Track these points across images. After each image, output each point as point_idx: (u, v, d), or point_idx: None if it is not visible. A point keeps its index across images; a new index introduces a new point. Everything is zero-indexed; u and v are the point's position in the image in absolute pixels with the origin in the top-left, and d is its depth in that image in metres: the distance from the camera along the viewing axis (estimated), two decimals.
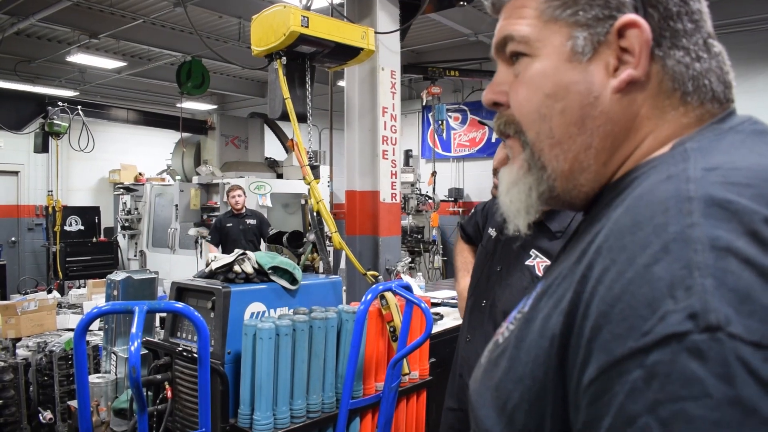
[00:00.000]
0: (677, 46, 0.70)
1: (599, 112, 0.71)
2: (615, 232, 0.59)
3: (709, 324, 0.48)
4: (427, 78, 10.13)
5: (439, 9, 6.16)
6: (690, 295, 0.49)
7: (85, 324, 1.87)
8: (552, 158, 0.74)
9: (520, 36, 0.76)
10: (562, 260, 0.72)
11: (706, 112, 0.71)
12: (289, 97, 3.56)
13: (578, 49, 0.72)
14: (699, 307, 0.48)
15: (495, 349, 0.74)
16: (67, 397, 3.72)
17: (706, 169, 0.59)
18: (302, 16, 3.50)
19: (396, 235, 5.59)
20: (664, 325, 0.49)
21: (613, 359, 0.51)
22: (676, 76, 0.70)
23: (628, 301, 0.52)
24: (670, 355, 0.48)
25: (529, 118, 0.75)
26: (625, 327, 0.51)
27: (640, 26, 0.69)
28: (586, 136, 0.72)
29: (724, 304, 0.48)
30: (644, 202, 0.59)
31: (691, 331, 0.48)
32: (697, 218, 0.53)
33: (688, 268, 0.51)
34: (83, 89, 12.35)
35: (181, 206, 9.20)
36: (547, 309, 0.64)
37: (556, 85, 0.73)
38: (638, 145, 0.72)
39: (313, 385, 2.44)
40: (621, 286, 0.54)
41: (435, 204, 11.01)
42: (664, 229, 0.54)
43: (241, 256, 2.57)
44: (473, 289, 2.50)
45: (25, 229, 12.97)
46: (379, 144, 5.31)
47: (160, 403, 2.35)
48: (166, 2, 8.50)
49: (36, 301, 4.58)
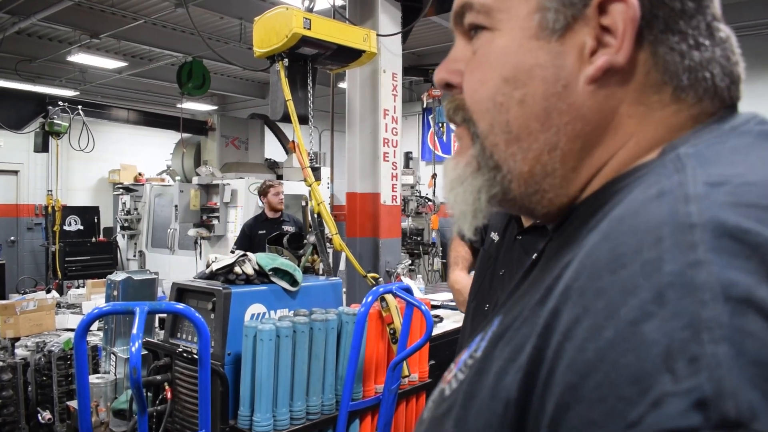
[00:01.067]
0: (672, 30, 0.55)
1: (568, 105, 0.56)
2: (588, 267, 0.44)
3: (726, 418, 0.33)
4: (428, 80, 10.15)
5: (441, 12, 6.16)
6: (697, 370, 0.35)
7: (86, 324, 1.87)
8: (508, 157, 0.59)
9: (479, 4, 0.60)
10: (525, 291, 0.57)
11: (703, 111, 0.57)
12: (291, 98, 3.56)
13: (547, 23, 0.56)
14: (710, 390, 0.34)
15: (441, 403, 0.58)
16: (66, 398, 3.72)
17: (710, 184, 0.44)
18: (304, 18, 3.51)
19: (396, 237, 5.60)
20: (659, 415, 0.35)
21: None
22: (668, 67, 0.55)
23: (606, 373, 0.37)
24: None
25: (482, 106, 0.60)
26: (602, 412, 0.37)
27: (626, 0, 0.53)
28: (551, 134, 0.57)
29: (746, 385, 0.34)
30: (628, 227, 0.44)
31: (700, 429, 0.34)
32: (703, 254, 0.39)
33: (693, 329, 0.36)
34: (84, 89, 12.35)
35: (181, 207, 9.19)
36: (502, 361, 0.48)
37: (517, 68, 0.57)
38: (618, 150, 0.57)
39: (313, 387, 2.44)
40: (596, 350, 0.38)
41: (435, 206, 11.01)
42: (657, 268, 0.39)
43: (241, 257, 2.57)
44: (476, 293, 2.50)
45: (24, 228, 12.95)
46: (380, 146, 5.31)
47: (159, 403, 2.35)
48: (167, 2, 8.50)
49: (35, 300, 4.57)
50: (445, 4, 5.63)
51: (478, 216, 0.64)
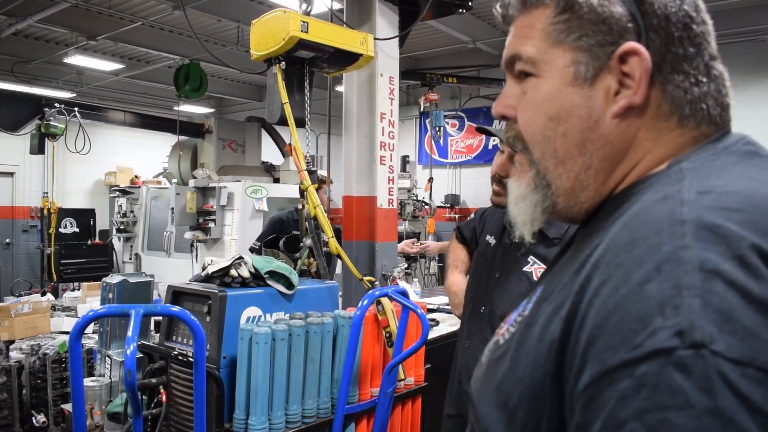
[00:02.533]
0: (677, 71, 0.72)
1: (599, 135, 0.74)
2: (612, 248, 0.62)
3: (694, 341, 0.51)
4: (425, 84, 10.15)
5: (438, 16, 6.17)
6: (678, 313, 0.53)
7: (81, 327, 1.86)
8: (556, 177, 0.78)
9: (527, 56, 0.78)
10: (562, 268, 0.76)
11: (701, 133, 0.73)
12: (288, 101, 3.55)
13: (581, 73, 0.74)
14: (686, 326, 0.52)
15: (496, 350, 0.77)
16: (61, 401, 3.70)
17: (700, 192, 0.62)
18: (302, 22, 3.50)
19: (393, 240, 5.59)
20: (654, 340, 0.53)
21: (606, 368, 0.55)
22: (675, 101, 0.72)
23: (621, 316, 0.56)
24: (657, 368, 0.52)
25: (535, 138, 0.79)
26: (618, 339, 0.55)
27: (641, 54, 0.71)
28: (586, 158, 0.75)
29: (709, 323, 0.52)
30: (641, 220, 0.62)
31: (678, 347, 0.52)
32: (688, 241, 0.57)
33: (678, 288, 0.54)
34: (80, 91, 12.34)
35: (177, 209, 9.16)
36: (547, 315, 0.67)
37: (559, 108, 0.75)
38: (637, 164, 0.74)
39: (308, 390, 2.43)
40: (615, 301, 0.57)
41: (431, 210, 11.02)
42: (657, 249, 0.58)
43: (237, 260, 2.56)
44: (472, 296, 2.50)
45: (19, 230, 12.92)
46: (376, 149, 5.30)
47: (154, 407, 2.34)
48: (165, 5, 8.50)
49: (30, 303, 4.55)
50: (442, 8, 5.65)
51: (534, 224, 0.84)
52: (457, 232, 2.94)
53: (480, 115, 12.08)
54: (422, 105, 10.31)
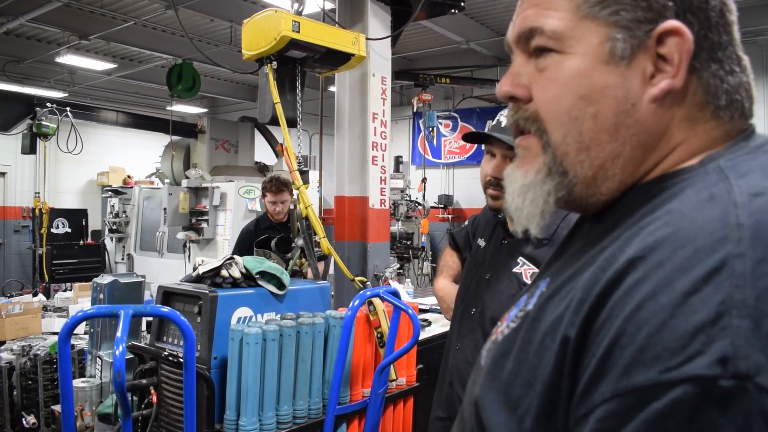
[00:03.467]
0: (713, 59, 0.67)
1: (634, 121, 0.67)
2: (653, 245, 0.56)
3: (738, 371, 0.46)
4: (418, 85, 10.16)
5: (431, 16, 6.18)
6: (724, 336, 0.47)
7: (70, 327, 1.85)
8: (576, 163, 0.70)
9: (551, 30, 0.70)
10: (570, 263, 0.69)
11: (734, 127, 0.69)
12: (279, 101, 3.55)
13: (617, 51, 0.67)
14: (731, 352, 0.47)
15: (496, 350, 0.71)
16: (51, 402, 3.69)
17: (753, 194, 0.56)
18: (293, 21, 3.50)
19: (385, 241, 5.59)
20: (693, 365, 0.47)
21: (633, 386, 0.50)
22: (711, 90, 0.67)
23: (658, 329, 0.50)
24: (692, 398, 0.47)
25: (559, 119, 0.70)
26: (651, 355, 0.49)
27: (683, 34, 0.65)
28: (617, 144, 0.68)
29: (758, 350, 0.46)
30: (688, 220, 0.56)
31: (720, 377, 0.46)
32: (744, 248, 0.51)
33: (727, 305, 0.48)
34: (72, 90, 12.30)
35: (170, 210, 9.13)
36: (559, 311, 0.61)
37: (591, 87, 0.68)
38: (667, 155, 0.69)
39: (299, 391, 2.43)
40: (653, 310, 0.51)
41: (425, 210, 11.04)
42: (708, 254, 0.51)
43: (228, 260, 2.56)
44: (462, 298, 2.50)
45: (11, 230, 12.86)
46: (368, 150, 5.31)
47: (145, 408, 2.33)
48: (157, 4, 8.48)
49: (21, 303, 4.54)
50: (435, 8, 5.65)
51: (545, 216, 0.75)
52: (450, 238, 2.95)
53: (473, 116, 12.10)
54: (415, 105, 10.32)
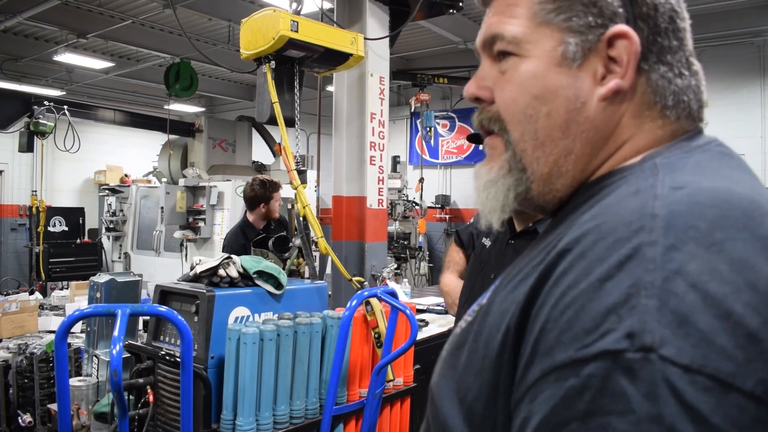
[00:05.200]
0: (662, 61, 0.72)
1: (584, 118, 0.72)
2: (578, 238, 0.60)
3: (644, 344, 0.50)
4: (416, 85, 10.16)
5: (429, 16, 6.18)
6: (632, 314, 0.51)
7: (67, 326, 1.85)
8: (533, 160, 0.75)
9: (511, 36, 0.76)
10: (524, 257, 0.73)
11: (680, 127, 0.73)
12: (278, 101, 3.55)
13: (569, 54, 0.72)
14: (637, 328, 0.50)
15: (454, 342, 0.75)
16: (47, 400, 3.68)
17: (674, 188, 0.61)
18: (292, 21, 3.50)
19: (382, 241, 5.59)
20: (604, 341, 0.51)
21: (554, 364, 0.54)
22: (658, 90, 0.72)
23: (576, 312, 0.54)
24: (604, 371, 0.50)
25: (516, 118, 0.76)
26: (570, 336, 0.53)
27: (630, 37, 0.70)
28: (569, 141, 0.73)
29: (663, 326, 0.50)
30: (610, 213, 0.61)
31: (627, 350, 0.50)
32: (656, 236, 0.55)
33: (636, 287, 0.52)
34: (70, 89, 12.28)
35: (167, 209, 9.11)
36: (506, 303, 0.65)
37: (545, 88, 0.73)
38: (615, 152, 0.73)
39: (296, 391, 2.43)
40: (573, 296, 0.55)
41: (422, 210, 11.03)
42: (623, 243, 0.56)
43: (226, 260, 2.56)
44: (467, 296, 2.50)
45: (7, 229, 12.84)
46: (366, 150, 5.31)
47: (141, 407, 2.32)
48: (155, 3, 8.47)
49: (17, 302, 4.52)
50: (433, 8, 5.65)
51: (506, 210, 0.79)
52: (455, 235, 2.97)
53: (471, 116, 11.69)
54: (413, 105, 10.32)
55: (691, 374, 0.48)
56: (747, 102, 9.08)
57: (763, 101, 9.00)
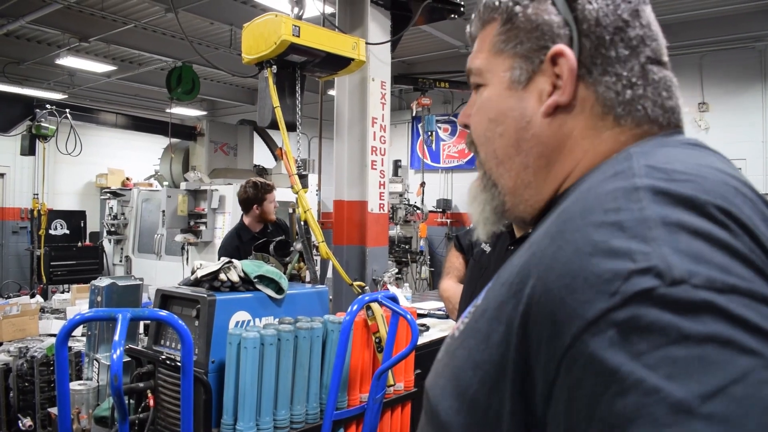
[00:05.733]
0: (608, 72, 0.75)
1: (531, 135, 0.77)
2: (564, 217, 0.62)
3: (674, 279, 0.51)
4: (418, 89, 10.18)
5: (430, 21, 6.18)
6: (650, 258, 0.53)
7: (67, 330, 1.85)
8: (498, 176, 0.82)
9: (476, 68, 0.84)
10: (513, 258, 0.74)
11: (644, 131, 0.75)
12: (279, 105, 3.55)
13: (515, 78, 0.79)
14: (663, 266, 0.52)
15: (452, 343, 0.75)
16: (48, 404, 3.67)
17: (649, 167, 0.63)
18: (293, 26, 3.51)
19: (383, 245, 5.59)
20: (631, 283, 0.52)
21: (586, 322, 0.53)
22: (607, 102, 0.75)
23: (590, 270, 0.54)
24: (643, 309, 0.51)
25: (479, 140, 0.84)
26: (592, 293, 0.53)
27: (566, 54, 0.74)
28: (523, 156, 0.78)
29: (685, 262, 0.52)
30: (593, 193, 0.63)
31: (659, 286, 0.51)
32: (646, 203, 0.58)
33: (645, 241, 0.54)
34: (72, 92, 12.29)
35: (168, 212, 9.12)
36: (502, 297, 0.65)
37: (497, 111, 0.80)
38: (580, 161, 0.76)
39: (297, 396, 2.42)
40: (579, 259, 0.56)
41: (423, 215, 11.03)
42: (616, 213, 0.58)
43: (227, 264, 2.56)
44: (467, 302, 2.50)
45: (9, 232, 12.85)
46: (368, 154, 5.31)
47: (142, 411, 2.32)
48: (157, 7, 8.48)
49: (18, 305, 4.53)
50: (434, 13, 5.66)
51: (487, 224, 0.85)
52: (455, 240, 2.97)
53: None
54: (414, 109, 10.34)
55: (727, 294, 0.50)
56: (748, 107, 9.08)
57: (764, 106, 8.99)
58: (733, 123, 9.09)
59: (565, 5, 0.76)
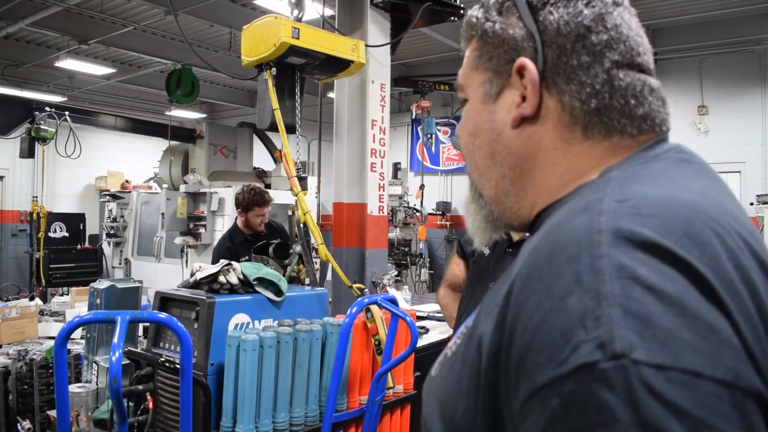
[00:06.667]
0: (572, 81, 0.74)
1: (502, 146, 0.80)
2: (534, 260, 0.63)
3: (615, 352, 0.51)
4: (417, 91, 10.18)
5: (430, 24, 6.18)
6: (599, 324, 0.53)
7: (66, 333, 1.84)
8: (482, 186, 0.85)
9: (459, 84, 0.88)
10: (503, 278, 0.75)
11: (614, 144, 0.74)
12: (278, 107, 3.55)
13: (487, 91, 0.81)
14: (606, 337, 0.52)
15: (445, 363, 0.77)
16: (47, 407, 3.67)
17: (619, 201, 0.63)
18: (293, 28, 3.51)
19: (383, 247, 5.59)
20: (577, 355, 0.53)
21: (536, 387, 0.55)
22: (573, 112, 0.75)
23: (546, 332, 0.56)
24: (583, 385, 0.52)
25: (463, 153, 0.88)
26: (545, 357, 0.55)
27: (527, 67, 0.76)
28: (499, 167, 0.81)
29: (630, 331, 0.52)
30: (560, 231, 0.63)
31: (600, 361, 0.52)
32: (605, 249, 0.57)
33: (597, 299, 0.54)
34: (71, 95, 12.30)
35: (168, 215, 9.11)
36: (485, 327, 0.67)
37: (474, 124, 0.84)
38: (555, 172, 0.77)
39: (296, 398, 2.42)
40: (539, 317, 0.57)
41: (422, 217, 11.03)
42: (576, 260, 0.58)
43: (226, 266, 2.55)
44: (465, 305, 2.50)
45: (8, 234, 12.84)
46: (367, 156, 5.31)
47: (141, 414, 2.32)
48: (157, 10, 8.49)
49: (18, 308, 4.52)
50: (434, 16, 5.66)
51: (479, 232, 0.88)
52: (457, 245, 2.96)
53: None
54: (414, 112, 10.34)
55: (665, 371, 0.50)
56: (748, 110, 9.08)
57: (763, 109, 9.00)
58: (732, 126, 9.10)
59: (529, 18, 0.77)
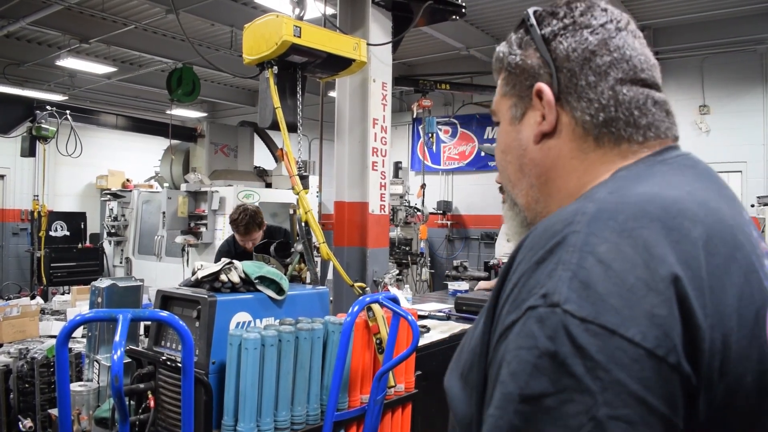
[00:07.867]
0: (582, 98, 0.87)
1: (528, 160, 0.93)
2: (533, 234, 0.77)
3: (552, 302, 0.67)
4: (418, 90, 10.17)
5: (431, 23, 6.18)
6: (550, 281, 0.68)
7: (68, 331, 1.84)
8: (515, 196, 0.98)
9: (492, 110, 1.02)
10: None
11: (624, 150, 0.87)
12: (280, 106, 3.55)
13: (514, 114, 0.95)
14: (551, 290, 0.68)
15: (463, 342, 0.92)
16: (48, 405, 3.67)
17: (610, 192, 0.78)
18: (294, 26, 3.50)
19: (384, 246, 5.58)
20: (530, 301, 0.69)
21: (504, 326, 0.72)
22: (584, 126, 0.87)
23: (520, 288, 0.72)
24: (525, 320, 0.69)
25: (499, 168, 1.01)
26: (514, 305, 0.71)
27: (542, 89, 0.89)
28: (527, 178, 0.95)
29: (570, 290, 0.67)
30: (557, 213, 0.78)
31: (540, 305, 0.68)
32: (580, 227, 0.71)
33: (557, 264, 0.69)
34: (72, 94, 12.29)
35: (169, 214, 9.11)
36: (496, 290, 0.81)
37: (505, 143, 0.98)
38: (574, 178, 0.89)
39: (298, 397, 2.42)
40: (520, 277, 0.73)
41: (424, 216, 11.02)
42: (556, 234, 0.73)
43: (227, 265, 2.55)
44: None
45: (9, 233, 12.85)
46: (368, 155, 5.31)
47: (142, 412, 2.32)
48: (158, 9, 8.49)
49: (19, 306, 4.53)
50: (436, 15, 5.66)
51: (515, 236, 0.99)
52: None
53: (473, 122, 12.11)
54: (415, 111, 10.33)
55: (585, 324, 0.65)
56: (749, 109, 9.07)
57: (765, 109, 8.98)
58: (733, 126, 9.08)
59: (544, 48, 0.90)
